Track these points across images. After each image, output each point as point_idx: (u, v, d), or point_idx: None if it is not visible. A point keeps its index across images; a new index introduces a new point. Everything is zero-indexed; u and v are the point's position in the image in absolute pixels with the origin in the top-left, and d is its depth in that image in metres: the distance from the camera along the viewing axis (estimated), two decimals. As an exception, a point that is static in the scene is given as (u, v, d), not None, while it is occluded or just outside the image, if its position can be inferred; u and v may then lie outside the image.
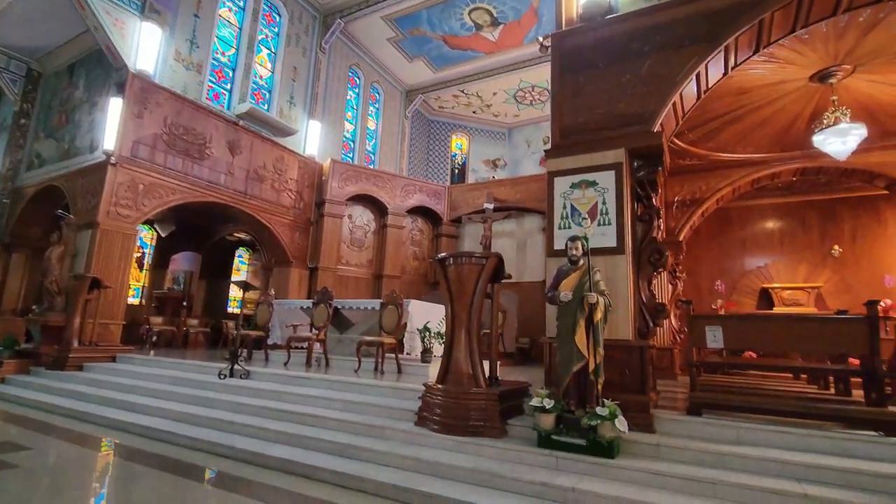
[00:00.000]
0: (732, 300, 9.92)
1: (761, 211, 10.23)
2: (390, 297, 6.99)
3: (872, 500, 2.71)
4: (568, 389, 3.67)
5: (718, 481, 2.97)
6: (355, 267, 12.79)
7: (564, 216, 4.38)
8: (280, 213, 10.99)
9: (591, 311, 3.65)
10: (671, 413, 3.93)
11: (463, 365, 4.08)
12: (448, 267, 4.28)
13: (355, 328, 7.95)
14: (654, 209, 4.27)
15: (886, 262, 9.08)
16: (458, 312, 4.19)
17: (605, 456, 3.32)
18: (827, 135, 5.94)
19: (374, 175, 13.15)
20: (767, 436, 3.46)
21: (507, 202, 13.21)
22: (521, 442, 3.70)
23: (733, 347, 3.92)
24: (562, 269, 3.98)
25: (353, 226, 12.90)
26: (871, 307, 3.59)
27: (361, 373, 6.32)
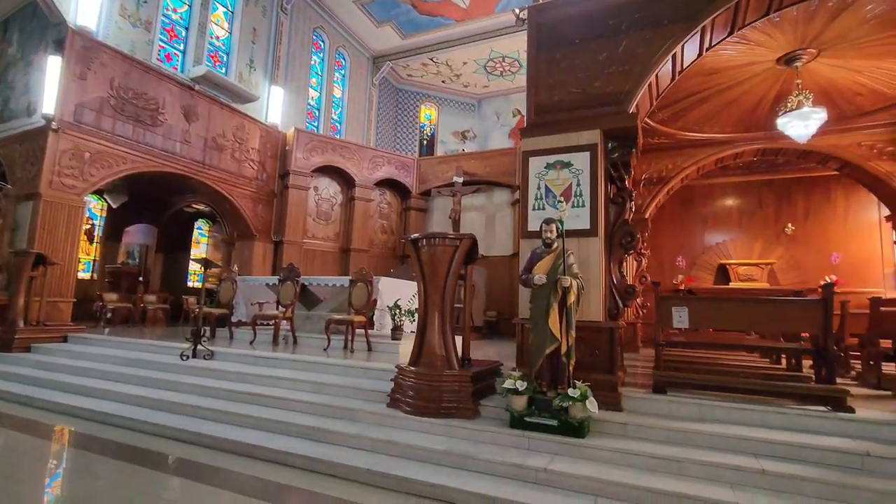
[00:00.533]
0: (692, 275, 10.30)
1: (722, 189, 10.55)
2: (360, 275, 6.86)
3: (821, 473, 2.88)
4: (540, 371, 3.71)
5: (683, 459, 3.09)
6: (322, 240, 12.51)
7: (539, 197, 4.34)
8: (241, 184, 10.53)
9: (564, 294, 3.66)
10: (638, 391, 4.05)
11: (436, 347, 4.05)
12: (421, 248, 4.18)
13: (323, 305, 7.80)
14: (627, 191, 4.28)
15: (834, 241, 9.59)
16: (430, 294, 4.13)
17: (575, 436, 3.39)
18: (790, 118, 6.08)
19: (341, 146, 12.75)
20: (728, 412, 3.61)
21: (476, 176, 13.12)
22: (494, 422, 3.74)
23: (698, 327, 4.04)
24: (536, 251, 3.96)
25: (319, 198, 12.55)
26: (826, 289, 3.75)
27: (331, 351, 6.24)
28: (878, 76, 6.31)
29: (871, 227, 9.47)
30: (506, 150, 13.44)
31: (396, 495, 3.05)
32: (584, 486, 2.98)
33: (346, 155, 12.70)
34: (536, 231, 4.13)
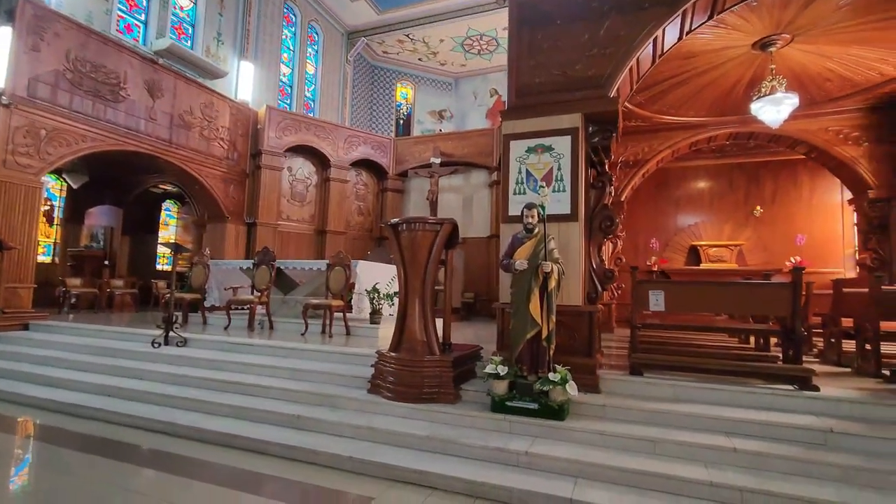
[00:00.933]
0: (665, 257, 10.53)
1: (695, 172, 10.74)
2: (337, 258, 6.75)
3: (788, 450, 3.00)
4: (521, 355, 3.73)
5: (659, 439, 3.17)
6: (297, 222, 12.27)
7: (519, 181, 4.31)
8: (211, 164, 10.16)
9: (545, 279, 3.67)
10: (615, 373, 4.13)
11: (417, 332, 4.03)
12: (401, 233, 4.12)
13: (300, 289, 7.67)
14: (607, 176, 4.29)
15: (799, 223, 9.92)
16: (411, 280, 4.08)
17: (556, 419, 3.44)
18: (763, 103, 6.18)
19: (315, 125, 12.41)
20: (701, 393, 3.72)
21: (453, 157, 13.00)
22: (475, 407, 3.77)
23: (673, 310, 4.13)
24: (517, 236, 3.95)
25: (293, 179, 12.25)
26: (796, 273, 3.87)
27: (308, 336, 6.16)
28: (847, 62, 6.46)
29: (833, 210, 9.83)
30: (483, 131, 13.33)
31: (379, 482, 3.05)
32: (564, 468, 3.04)
33: (320, 134, 12.37)
34: (517, 216, 4.10)
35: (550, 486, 2.84)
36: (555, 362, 3.65)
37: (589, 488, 2.83)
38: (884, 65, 6.41)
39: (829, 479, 2.80)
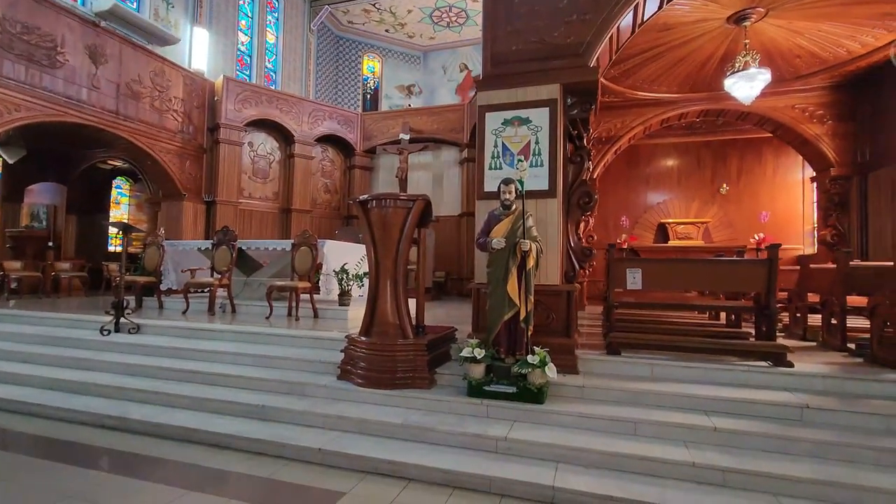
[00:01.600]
0: (635, 234, 10.62)
1: (665, 150, 10.79)
2: (303, 238, 6.43)
3: (766, 427, 2.99)
4: (498, 337, 3.60)
5: (639, 420, 3.12)
6: (259, 200, 11.74)
7: (495, 155, 4.11)
8: (164, 137, 9.51)
9: (523, 258, 3.52)
10: (592, 352, 4.06)
11: (389, 315, 3.83)
12: (371, 210, 3.87)
13: (264, 270, 7.32)
14: (586, 150, 4.15)
15: (763, 200, 10.14)
16: (382, 260, 3.86)
17: (534, 402, 3.34)
18: (737, 79, 6.15)
19: (277, 97, 11.78)
20: (678, 371, 3.70)
21: (423, 133, 12.65)
22: (451, 391, 3.63)
23: (650, 288, 4.08)
24: (493, 213, 3.77)
25: (254, 155, 11.67)
26: (772, 250, 3.86)
27: (273, 320, 5.87)
28: (816, 38, 6.48)
29: (795, 187, 10.08)
30: (454, 107, 13.00)
31: (350, 475, 2.88)
32: (545, 453, 2.94)
33: (283, 108, 11.77)
34: (494, 192, 3.92)
35: (531, 473, 2.74)
36: (531, 343, 3.53)
37: (570, 474, 2.75)
38: (851, 42, 6.46)
39: (805, 455, 2.80)
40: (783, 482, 2.58)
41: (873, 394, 3.28)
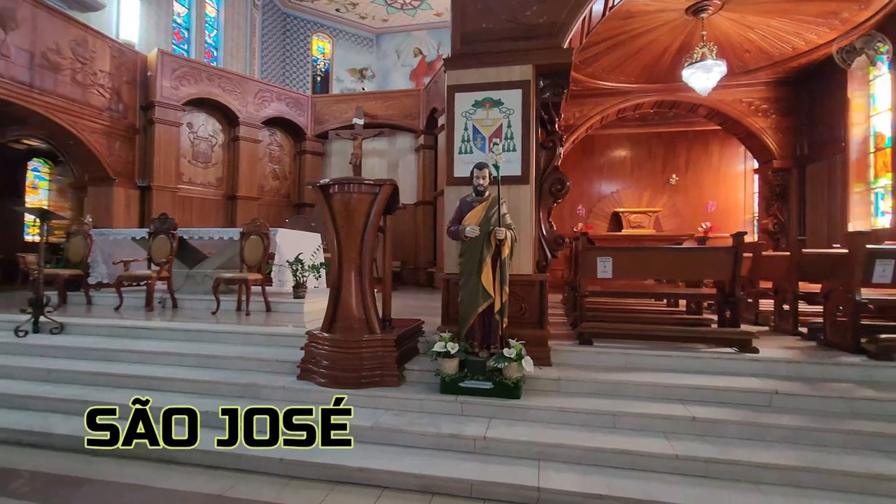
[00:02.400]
0: (590, 223, 10.80)
1: (618, 140, 11.00)
2: (253, 226, 5.97)
3: (740, 415, 3.00)
4: (472, 330, 3.42)
5: (618, 412, 3.05)
6: (201, 186, 10.95)
7: (466, 139, 3.90)
8: (89, 115, 8.59)
9: (498, 247, 3.35)
10: (563, 343, 3.98)
11: (354, 309, 3.56)
12: (332, 195, 3.56)
13: (209, 262, 6.76)
14: (558, 135, 4.02)
15: (710, 191, 10.58)
16: (346, 250, 3.57)
17: (511, 397, 3.20)
18: (694, 69, 6.25)
19: (220, 75, 10.97)
20: (650, 360, 3.68)
21: (378, 118, 12.24)
22: (422, 388, 3.42)
23: (619, 277, 4.04)
24: (465, 200, 3.57)
25: (195, 137, 10.85)
26: (737, 238, 3.90)
27: (221, 315, 5.41)
28: (765, 34, 6.70)
29: (737, 179, 10.58)
30: (410, 92, 12.64)
31: (319, 486, 2.62)
32: (525, 451, 2.81)
33: (226, 87, 10.99)
34: (465, 177, 3.72)
35: (513, 474, 2.59)
36: (503, 335, 3.38)
37: (554, 472, 2.62)
38: (797, 38, 6.74)
39: (780, 441, 2.83)
40: (763, 470, 2.58)
41: (833, 377, 3.39)
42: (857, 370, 3.39)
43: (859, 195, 6.81)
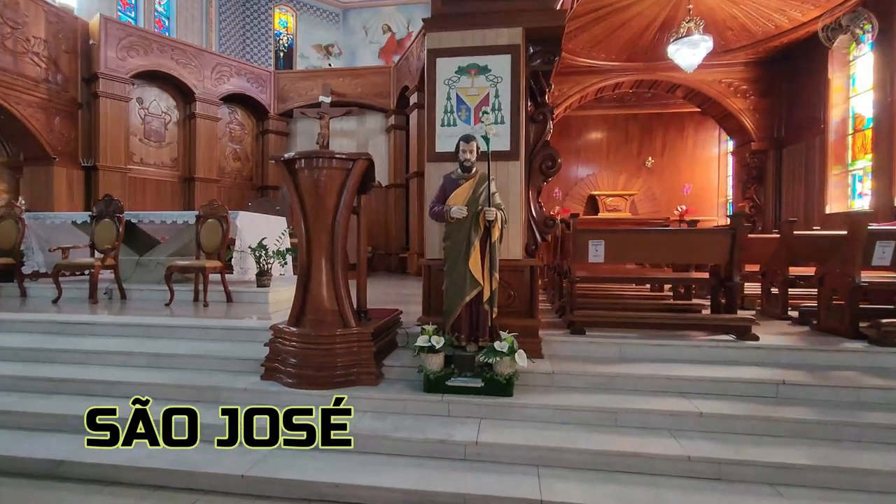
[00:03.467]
0: (566, 206, 10.61)
1: (595, 122, 10.80)
2: (211, 209, 5.44)
3: (749, 408, 2.79)
4: (458, 322, 3.10)
5: (618, 409, 2.80)
6: (154, 167, 10.17)
7: (449, 110, 3.52)
8: (23, 86, 7.73)
9: (487, 229, 3.02)
10: (552, 333, 3.71)
11: (325, 300, 3.17)
12: (299, 171, 3.14)
13: (162, 248, 6.18)
14: (548, 108, 3.69)
15: (686, 174, 10.54)
16: (315, 233, 3.16)
17: (503, 395, 2.90)
18: (680, 45, 6.03)
19: (173, 47, 10.13)
20: (646, 350, 3.45)
21: (346, 97, 11.63)
22: (403, 387, 3.08)
23: (613, 261, 3.79)
24: (450, 177, 3.21)
25: (146, 113, 10.03)
26: (736, 219, 3.70)
27: (176, 307, 4.92)
28: (750, 10, 6.53)
29: (711, 162, 10.57)
30: (380, 69, 12.06)
31: (288, 507, 2.26)
32: (522, 456, 2.52)
33: (180, 59, 10.16)
34: (447, 153, 3.36)
35: (512, 485, 2.30)
36: (499, 330, 3.07)
37: (556, 480, 2.34)
38: (780, 16, 6.60)
39: (793, 436, 2.63)
40: (780, 471, 2.37)
41: (837, 364, 3.24)
42: (861, 357, 3.25)
43: (837, 177, 6.81)
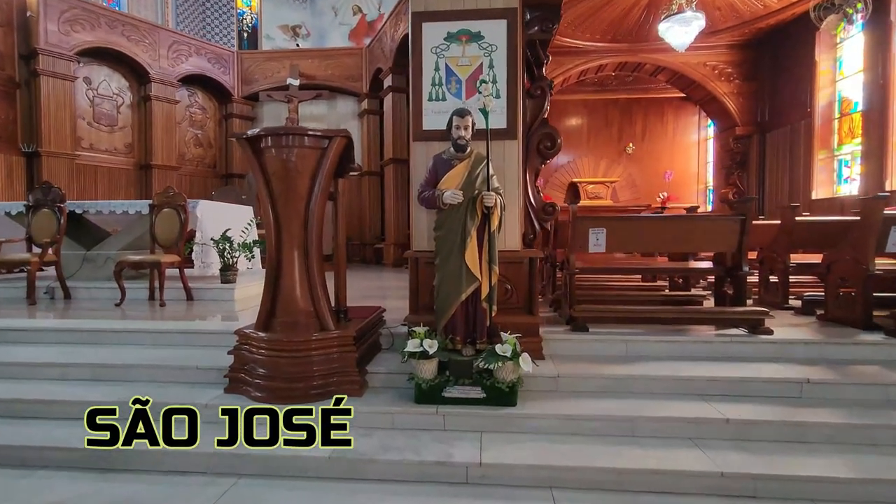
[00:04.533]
0: (547, 193, 10.34)
1: (575, 106, 10.53)
2: (166, 197, 4.89)
3: (775, 412, 2.54)
4: (453, 322, 2.74)
5: (635, 417, 2.50)
6: (106, 153, 9.39)
7: (437, 82, 3.11)
8: (-53, 61, 6.87)
9: (485, 217, 2.65)
10: (552, 329, 3.39)
11: (299, 299, 2.75)
12: (265, 152, 2.69)
13: (112, 241, 5.58)
14: (547, 82, 3.33)
15: (666, 160, 10.41)
16: (286, 222, 2.73)
17: (506, 404, 2.56)
18: (672, 23, 5.75)
19: (124, 22, 9.31)
20: (654, 347, 3.18)
21: (315, 79, 11.02)
22: (391, 396, 2.71)
23: (615, 251, 3.49)
24: (441, 157, 2.82)
25: (95, 94, 9.22)
26: (745, 205, 3.45)
27: (128, 307, 4.40)
28: (740, -11, 6.30)
29: (691, 148, 10.47)
30: (351, 50, 11.47)
31: (258, 554, 1.87)
32: (532, 477, 2.19)
33: (132, 36, 9.36)
34: (436, 130, 2.97)
35: (525, 515, 1.97)
36: (501, 330, 2.73)
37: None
38: (769, -5, 6.41)
39: (826, 442, 2.39)
40: (819, 485, 2.11)
41: (857, 359, 3.03)
42: (881, 350, 3.05)
43: (823, 162, 6.73)
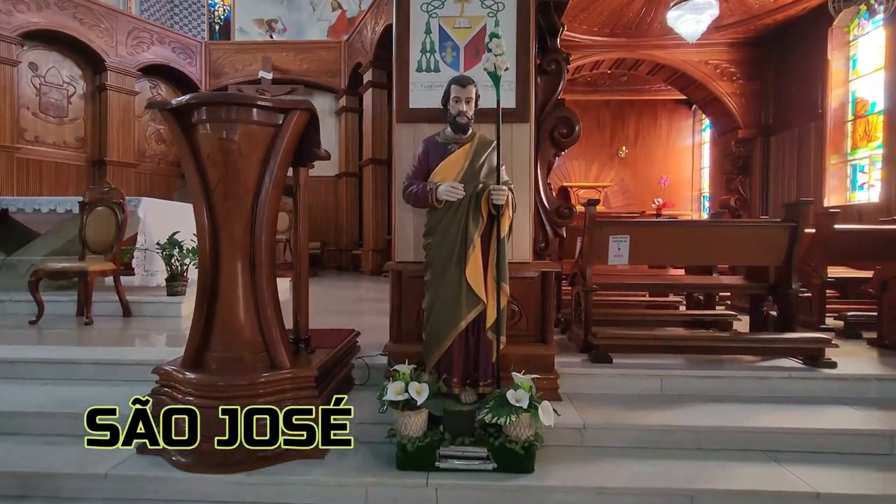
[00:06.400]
0: (537, 199, 9.80)
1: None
2: (101, 193, 4.12)
3: (867, 480, 1.95)
4: (449, 358, 2.06)
5: (694, 491, 1.87)
6: (54, 147, 8.47)
7: (428, 48, 2.46)
8: None
9: (492, 219, 2.00)
10: (566, 360, 2.75)
11: (242, 328, 2.05)
12: (198, 128, 1.98)
13: (38, 245, 4.75)
14: (563, 55, 2.73)
15: (661, 165, 9.96)
16: (225, 224, 2.02)
17: (520, 471, 1.90)
18: (683, 11, 5.24)
19: (76, 3, 8.42)
20: (694, 383, 2.57)
21: (290, 73, 10.30)
22: (364, 458, 2.02)
23: (639, 263, 2.89)
24: (435, 140, 2.15)
25: (41, 82, 8.32)
26: (795, 209, 2.88)
27: (47, 325, 3.61)
28: (751, -21, 5.85)
29: (685, 153, 10.06)
30: (329, 44, 10.80)
31: None
32: (566, 591, 1.53)
33: (86, 19, 8.48)
34: (426, 109, 2.32)
35: None
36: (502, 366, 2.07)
37: None
38: (782, -14, 5.98)
39: (946, 523, 1.80)
40: None
41: (943, 400, 2.47)
42: (971, 389, 2.50)
43: (835, 167, 6.30)
